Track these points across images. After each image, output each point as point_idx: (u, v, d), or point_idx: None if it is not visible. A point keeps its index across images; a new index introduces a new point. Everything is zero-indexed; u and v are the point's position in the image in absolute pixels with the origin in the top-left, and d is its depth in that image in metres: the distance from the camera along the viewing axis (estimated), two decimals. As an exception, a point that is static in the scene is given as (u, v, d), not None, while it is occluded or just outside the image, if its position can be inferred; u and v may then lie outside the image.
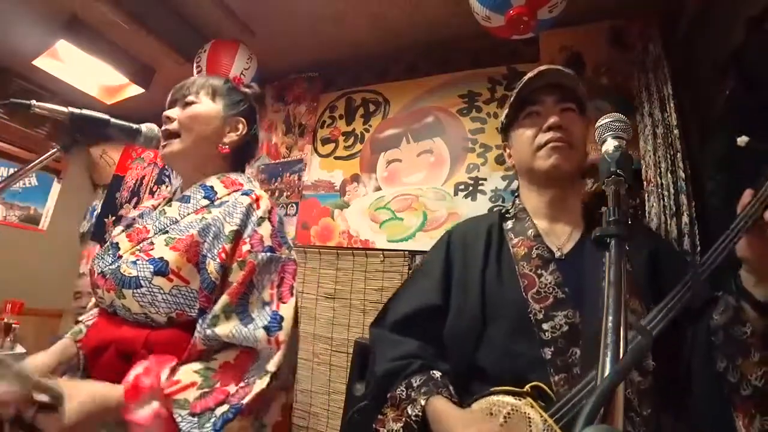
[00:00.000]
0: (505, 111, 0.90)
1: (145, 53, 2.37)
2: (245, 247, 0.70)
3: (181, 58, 2.18)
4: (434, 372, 0.72)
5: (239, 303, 0.67)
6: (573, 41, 1.76)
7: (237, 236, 0.71)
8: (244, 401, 0.61)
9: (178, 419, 0.58)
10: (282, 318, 0.67)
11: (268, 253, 0.71)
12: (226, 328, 0.64)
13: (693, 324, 0.68)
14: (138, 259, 0.71)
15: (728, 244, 0.58)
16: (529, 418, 0.58)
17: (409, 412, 0.67)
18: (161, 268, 0.69)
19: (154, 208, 0.88)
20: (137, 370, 0.61)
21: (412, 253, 1.89)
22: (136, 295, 0.68)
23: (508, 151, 0.94)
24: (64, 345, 0.78)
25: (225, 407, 0.60)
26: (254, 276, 0.69)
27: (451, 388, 0.70)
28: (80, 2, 2.02)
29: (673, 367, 0.68)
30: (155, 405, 0.58)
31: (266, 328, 0.65)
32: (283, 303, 0.70)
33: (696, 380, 0.66)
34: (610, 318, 0.39)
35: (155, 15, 2.03)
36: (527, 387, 0.63)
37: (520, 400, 0.61)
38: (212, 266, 0.69)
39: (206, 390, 0.61)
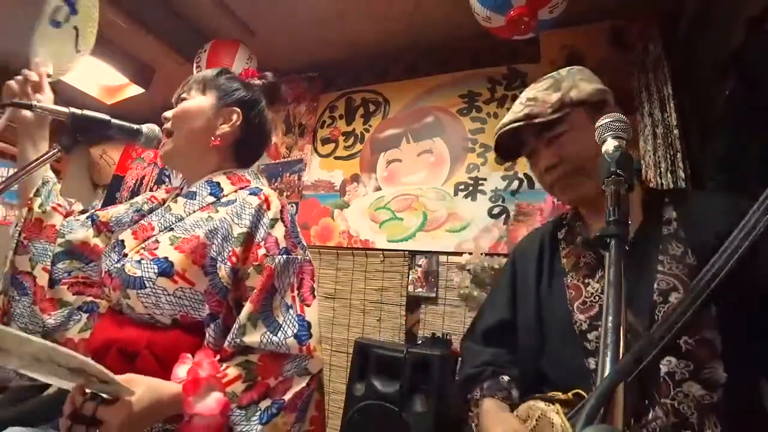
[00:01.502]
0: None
1: (145, 53, 2.37)
2: (261, 251, 0.68)
3: (181, 58, 2.18)
4: (503, 377, 0.77)
5: (263, 309, 0.66)
6: (573, 41, 1.76)
7: (248, 239, 0.69)
8: (286, 398, 0.62)
9: (232, 411, 0.58)
10: (309, 324, 0.67)
11: (285, 256, 0.69)
12: (256, 337, 0.63)
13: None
14: (143, 259, 0.69)
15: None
16: (552, 423, 0.59)
17: (474, 411, 0.75)
18: (166, 269, 0.67)
19: (164, 202, 0.86)
20: (186, 364, 0.61)
21: (412, 253, 1.89)
22: (141, 295, 0.67)
23: None
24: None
25: (268, 401, 0.61)
26: (274, 280, 0.67)
27: (513, 392, 0.75)
28: (80, 2, 2.02)
29: (754, 378, 0.61)
30: (217, 395, 0.58)
31: (296, 337, 0.64)
32: (307, 306, 0.69)
33: None
34: (610, 318, 0.39)
35: (155, 15, 2.03)
36: (570, 394, 0.64)
37: (549, 405, 0.63)
38: (223, 271, 0.67)
39: (250, 383, 0.61)
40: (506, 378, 0.77)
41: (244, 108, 0.85)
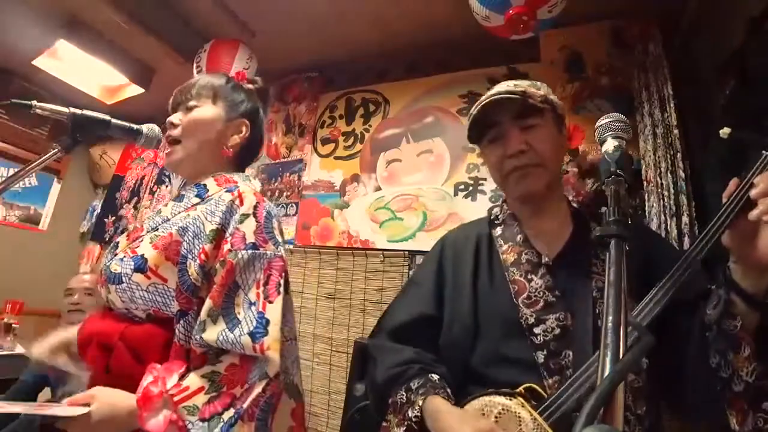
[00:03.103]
0: (466, 133, 0.88)
1: (145, 53, 2.37)
2: (226, 246, 0.68)
3: (181, 58, 2.18)
4: (432, 375, 0.73)
5: (224, 305, 0.65)
6: (573, 41, 1.76)
7: (219, 235, 0.70)
8: (244, 405, 0.61)
9: (189, 426, 0.58)
10: (268, 321, 0.64)
11: (251, 251, 0.68)
12: (214, 333, 0.63)
13: (688, 319, 0.66)
14: (125, 257, 0.72)
15: (715, 233, 0.58)
16: (520, 417, 0.58)
17: (409, 414, 0.68)
18: (140, 266, 0.70)
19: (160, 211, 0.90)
20: (147, 378, 0.61)
21: (412, 253, 1.89)
22: (118, 290, 0.70)
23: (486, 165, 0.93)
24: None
25: (232, 411, 0.60)
26: (237, 276, 0.67)
27: (448, 389, 0.71)
28: (80, 2, 2.02)
29: (667, 365, 0.67)
30: (167, 412, 0.58)
31: (251, 334, 0.63)
32: (270, 303, 0.67)
33: (690, 377, 0.65)
34: (610, 318, 0.39)
35: (155, 15, 2.03)
36: (521, 388, 0.64)
37: (510, 400, 0.61)
38: (193, 267, 0.68)
39: (214, 394, 0.60)
40: (436, 376, 0.72)
41: (250, 118, 0.89)
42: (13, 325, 2.43)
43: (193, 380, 0.61)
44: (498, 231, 0.86)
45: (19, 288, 2.71)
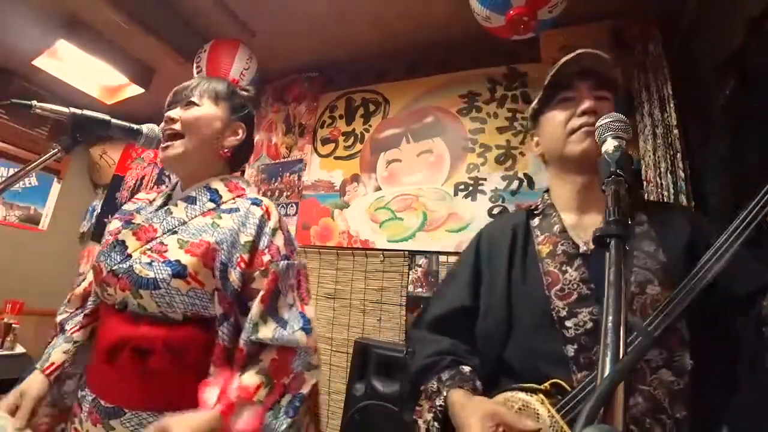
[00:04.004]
0: (538, 96, 0.88)
1: (145, 53, 2.37)
2: (265, 258, 0.76)
3: (181, 58, 2.18)
4: (463, 367, 0.74)
5: (271, 308, 0.74)
6: (573, 41, 1.76)
7: (253, 247, 0.77)
8: (305, 391, 0.72)
9: (265, 418, 0.66)
10: (310, 320, 0.76)
11: (286, 261, 0.78)
12: (269, 332, 0.71)
13: (740, 316, 0.63)
14: (153, 261, 0.74)
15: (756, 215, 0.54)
16: (538, 413, 0.58)
17: (437, 403, 0.71)
18: (180, 272, 0.73)
19: (150, 202, 0.90)
20: (213, 391, 0.67)
21: (412, 253, 1.89)
22: (155, 295, 0.72)
23: (535, 139, 0.91)
24: (35, 386, 0.80)
25: (289, 397, 0.70)
26: (279, 284, 0.76)
27: (477, 382, 0.72)
28: (80, 2, 2.02)
29: (715, 365, 0.64)
30: (251, 409, 0.65)
31: (303, 330, 0.74)
32: (306, 305, 0.79)
33: (741, 379, 0.62)
34: (610, 318, 0.39)
35: (155, 15, 2.03)
36: (547, 384, 0.63)
37: (531, 396, 0.61)
38: (234, 275, 0.74)
39: (270, 387, 0.69)
40: (467, 368, 0.73)
41: (246, 123, 0.94)
42: (13, 325, 2.44)
43: (251, 379, 0.68)
44: (536, 222, 0.85)
45: (19, 288, 2.72)
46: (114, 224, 0.87)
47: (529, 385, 0.64)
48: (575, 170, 0.82)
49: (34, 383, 0.80)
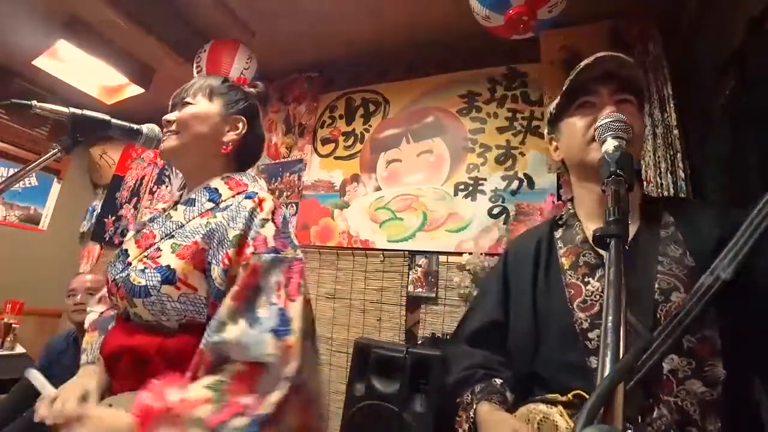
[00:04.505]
0: (556, 100, 0.85)
1: (145, 53, 2.37)
2: (248, 250, 0.69)
3: (181, 58, 2.18)
4: (496, 380, 0.76)
5: (246, 307, 0.64)
6: (573, 41, 1.76)
7: (241, 241, 0.70)
8: (267, 411, 0.58)
9: None
10: (290, 319, 0.64)
11: (272, 254, 0.69)
12: (235, 332, 0.62)
13: None
14: (146, 267, 0.71)
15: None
16: (557, 425, 0.58)
17: (470, 414, 0.73)
18: (168, 277, 0.68)
19: (164, 211, 0.87)
20: (145, 396, 0.58)
21: (412, 253, 1.89)
22: (147, 303, 0.69)
23: (554, 144, 0.89)
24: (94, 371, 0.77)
25: (245, 420, 0.57)
26: (260, 279, 0.67)
27: (508, 394, 0.73)
28: (80, 2, 2.02)
29: (750, 375, 0.62)
30: (179, 427, 0.55)
31: (274, 332, 0.62)
32: (291, 301, 0.67)
33: None
34: (610, 318, 0.39)
35: (155, 15, 2.03)
36: (569, 395, 0.63)
37: (551, 408, 0.62)
38: (216, 272, 0.69)
39: (220, 405, 0.58)
40: (499, 381, 0.76)
41: (247, 116, 0.89)
42: (13, 325, 2.44)
43: (196, 391, 0.58)
44: (559, 233, 0.84)
45: (19, 288, 2.72)
46: (129, 234, 0.86)
47: (551, 396, 0.65)
48: (597, 178, 0.81)
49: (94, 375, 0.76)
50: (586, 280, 0.73)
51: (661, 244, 0.70)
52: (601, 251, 0.74)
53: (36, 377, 0.72)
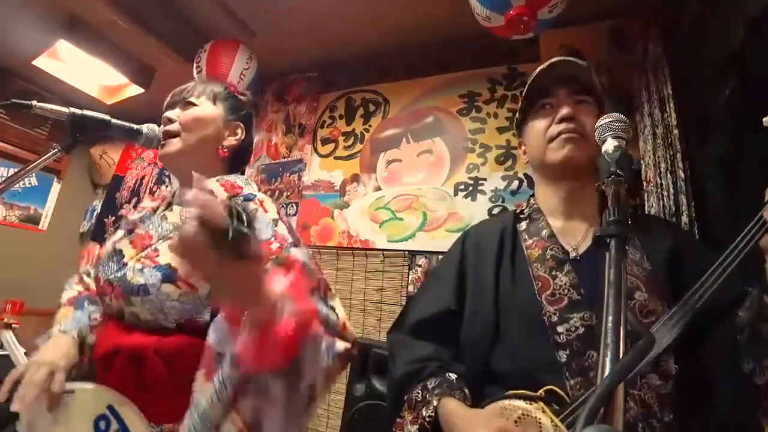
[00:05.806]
0: (519, 105, 0.89)
1: (145, 53, 2.37)
2: (274, 245, 0.68)
3: (181, 58, 2.18)
4: (450, 374, 0.72)
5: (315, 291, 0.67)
6: (573, 41, 1.76)
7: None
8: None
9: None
10: (334, 306, 0.70)
11: (299, 248, 0.72)
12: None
13: (719, 322, 0.63)
14: (144, 267, 0.71)
15: (753, 237, 0.54)
16: (540, 423, 0.56)
17: (423, 413, 0.67)
18: (169, 275, 0.69)
19: (154, 210, 0.88)
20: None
21: (412, 253, 1.89)
22: (145, 302, 0.69)
23: (523, 147, 0.92)
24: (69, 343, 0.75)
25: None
26: (305, 268, 0.66)
27: (466, 390, 0.70)
28: (80, 2, 2.02)
29: (697, 370, 0.65)
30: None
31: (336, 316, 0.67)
32: (329, 290, 0.72)
33: (721, 383, 0.62)
34: (610, 318, 0.39)
35: (155, 15, 2.03)
36: (541, 391, 0.62)
37: (531, 404, 0.60)
38: None
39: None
40: (454, 375, 0.71)
41: (245, 123, 0.93)
42: (13, 325, 2.43)
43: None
44: (523, 225, 0.84)
45: (19, 288, 2.71)
46: (117, 234, 0.85)
47: (524, 392, 0.63)
48: (559, 177, 0.83)
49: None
50: (553, 273, 0.74)
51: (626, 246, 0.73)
52: (566, 247, 0.77)
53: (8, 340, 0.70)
